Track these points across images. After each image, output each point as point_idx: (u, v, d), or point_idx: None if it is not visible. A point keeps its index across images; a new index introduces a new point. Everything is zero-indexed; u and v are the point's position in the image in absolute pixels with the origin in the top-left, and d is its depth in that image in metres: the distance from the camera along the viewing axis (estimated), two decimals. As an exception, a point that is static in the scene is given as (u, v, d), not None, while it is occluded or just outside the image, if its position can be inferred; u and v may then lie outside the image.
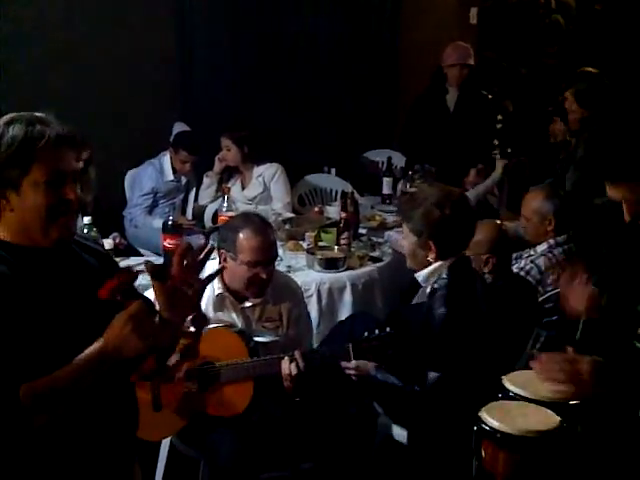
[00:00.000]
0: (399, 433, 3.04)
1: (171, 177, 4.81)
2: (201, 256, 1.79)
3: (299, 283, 3.30)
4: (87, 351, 1.68)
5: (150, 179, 4.78)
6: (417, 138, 5.30)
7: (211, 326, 2.87)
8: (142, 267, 1.79)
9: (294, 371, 2.75)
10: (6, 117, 1.80)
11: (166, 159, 4.80)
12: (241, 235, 2.88)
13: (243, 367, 2.80)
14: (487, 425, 2.06)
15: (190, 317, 1.82)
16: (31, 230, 1.77)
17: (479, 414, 2.09)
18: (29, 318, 1.70)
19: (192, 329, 1.86)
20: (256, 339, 2.91)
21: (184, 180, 4.91)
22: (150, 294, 1.79)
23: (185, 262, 1.75)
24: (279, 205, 4.76)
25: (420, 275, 2.87)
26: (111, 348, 1.67)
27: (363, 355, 2.80)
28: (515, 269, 3.56)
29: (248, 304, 2.97)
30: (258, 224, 2.92)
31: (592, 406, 2.05)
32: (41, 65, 4.64)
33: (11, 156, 1.73)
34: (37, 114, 1.80)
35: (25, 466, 1.74)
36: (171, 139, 4.89)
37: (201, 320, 1.88)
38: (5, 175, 1.74)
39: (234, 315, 2.96)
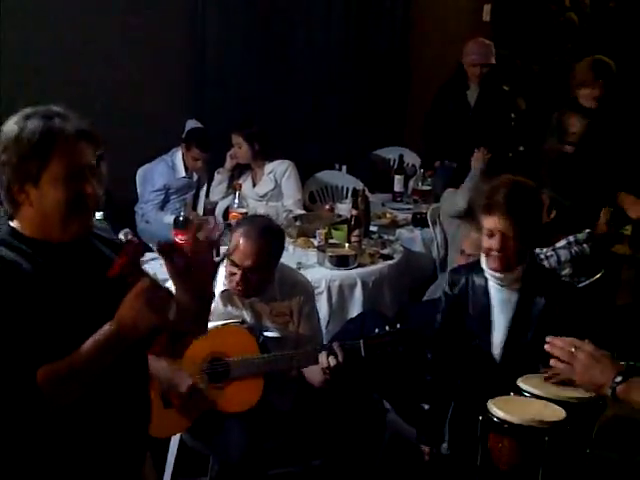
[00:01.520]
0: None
1: (183, 174, 4.82)
2: (215, 236, 1.81)
3: (309, 280, 3.29)
4: (102, 330, 1.69)
5: (162, 175, 4.80)
6: (438, 133, 5.28)
7: (221, 322, 2.88)
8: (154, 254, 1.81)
9: (333, 363, 2.74)
10: (25, 111, 1.80)
11: (178, 156, 4.81)
12: (236, 231, 2.94)
13: (253, 363, 2.81)
14: (494, 416, 2.06)
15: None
16: (50, 225, 1.78)
17: (487, 406, 2.10)
18: (48, 310, 1.72)
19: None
20: (266, 334, 2.92)
21: (196, 177, 4.92)
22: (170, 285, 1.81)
23: (199, 240, 1.77)
24: (290, 202, 4.76)
25: (509, 277, 2.74)
26: (125, 324, 1.69)
27: (374, 351, 2.80)
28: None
29: (253, 299, 2.98)
30: (252, 230, 2.91)
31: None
32: (53, 60, 4.64)
33: (32, 150, 1.74)
34: (55, 108, 1.81)
35: (38, 458, 1.75)
36: (183, 136, 4.90)
37: (208, 297, 1.87)
38: (25, 169, 1.75)
39: (243, 310, 2.97)
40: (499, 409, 2.09)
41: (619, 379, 1.89)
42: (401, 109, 6.53)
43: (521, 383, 2.24)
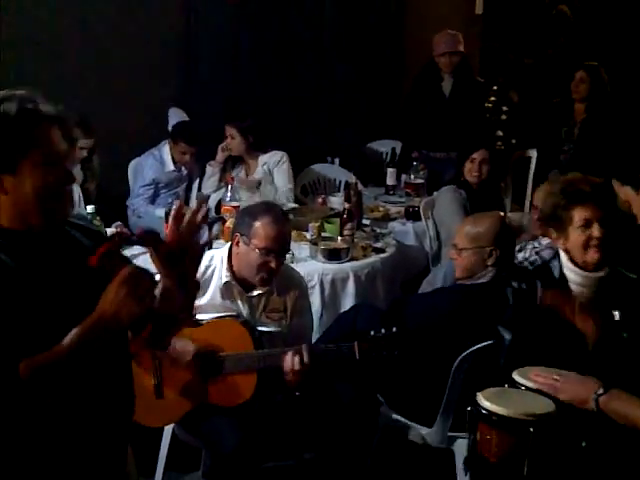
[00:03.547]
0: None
1: (172, 167, 4.79)
2: (198, 218, 1.78)
3: (302, 273, 3.28)
4: (85, 321, 1.67)
5: (151, 170, 4.76)
6: (415, 125, 5.31)
7: (216, 315, 2.88)
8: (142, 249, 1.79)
9: (297, 366, 2.72)
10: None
11: (166, 149, 4.77)
12: (259, 221, 2.88)
13: (247, 358, 2.80)
14: (483, 408, 2.07)
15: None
16: (28, 212, 1.74)
17: (476, 397, 2.10)
18: (29, 302, 1.69)
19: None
20: (260, 329, 2.91)
21: (185, 170, 4.89)
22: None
23: (181, 225, 1.75)
24: (280, 191, 4.74)
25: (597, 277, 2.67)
26: (109, 314, 1.66)
27: (369, 354, 2.78)
28: (520, 258, 3.54)
29: (254, 293, 2.96)
30: (278, 213, 2.95)
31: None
32: (45, 52, 4.62)
33: (8, 137, 1.70)
34: (23, 92, 1.75)
35: (19, 448, 1.72)
36: (168, 126, 4.87)
37: (193, 284, 1.85)
38: (3, 157, 1.70)
39: (240, 303, 2.95)
40: (488, 401, 2.09)
41: (601, 391, 2.01)
42: (394, 103, 6.53)
43: (516, 375, 2.24)
